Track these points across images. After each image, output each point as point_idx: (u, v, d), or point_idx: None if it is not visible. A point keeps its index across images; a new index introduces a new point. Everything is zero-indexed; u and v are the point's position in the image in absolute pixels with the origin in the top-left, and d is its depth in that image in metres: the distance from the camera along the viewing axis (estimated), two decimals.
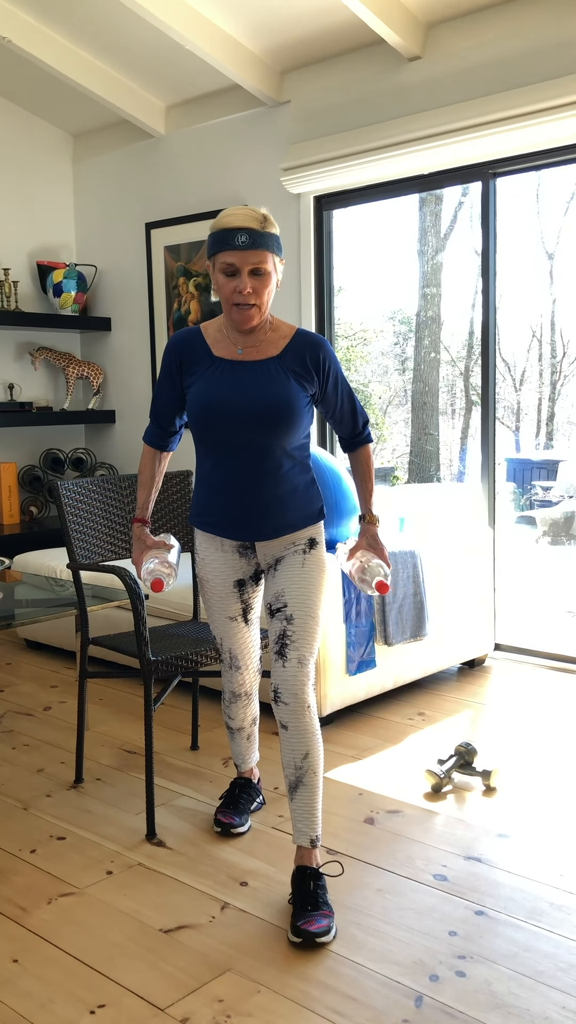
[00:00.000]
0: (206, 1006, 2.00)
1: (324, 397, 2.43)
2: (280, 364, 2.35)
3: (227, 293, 2.28)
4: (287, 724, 2.37)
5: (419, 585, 3.87)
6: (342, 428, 2.51)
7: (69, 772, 3.26)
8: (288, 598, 2.39)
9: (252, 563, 2.52)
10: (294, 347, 2.37)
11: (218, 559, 2.51)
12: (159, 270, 5.45)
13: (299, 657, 2.37)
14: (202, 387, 2.37)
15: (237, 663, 2.65)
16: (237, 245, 2.23)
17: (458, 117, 4.02)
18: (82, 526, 3.07)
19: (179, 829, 2.82)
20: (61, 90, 5.28)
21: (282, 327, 2.41)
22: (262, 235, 2.25)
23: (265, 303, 2.30)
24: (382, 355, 10.34)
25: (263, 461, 2.36)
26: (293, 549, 2.43)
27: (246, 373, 2.34)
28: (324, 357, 2.39)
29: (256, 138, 4.91)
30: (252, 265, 2.25)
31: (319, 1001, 2.02)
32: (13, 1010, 2.00)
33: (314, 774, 2.37)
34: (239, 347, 2.37)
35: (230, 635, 2.60)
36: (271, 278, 2.29)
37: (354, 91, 4.49)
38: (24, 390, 5.72)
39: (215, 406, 2.33)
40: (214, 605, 2.57)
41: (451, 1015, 1.97)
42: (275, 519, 2.40)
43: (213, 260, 2.30)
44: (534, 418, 10.86)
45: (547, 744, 3.43)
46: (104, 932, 2.29)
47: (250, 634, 2.63)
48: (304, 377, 2.37)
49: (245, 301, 2.27)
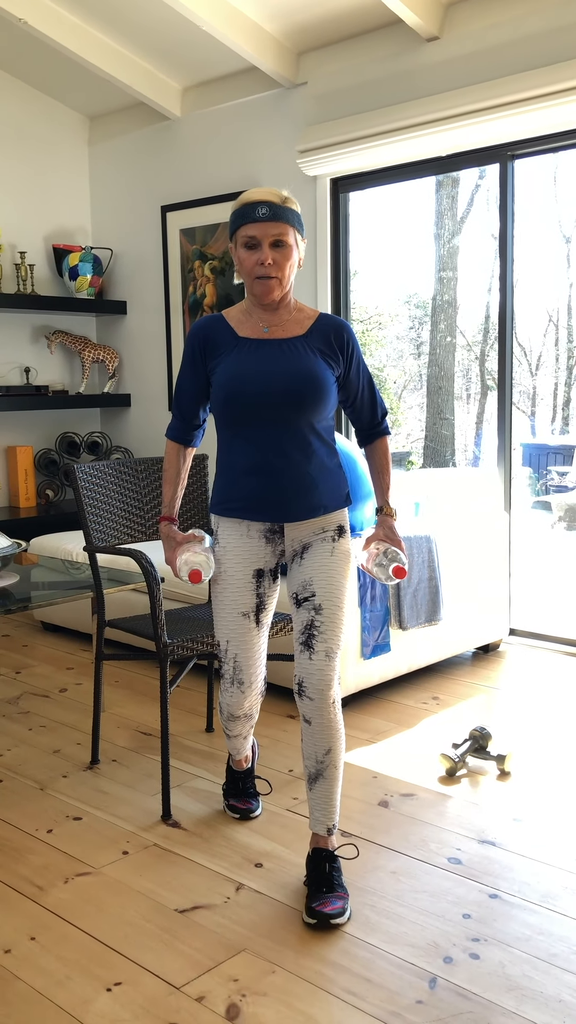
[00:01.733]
0: (221, 985, 2.02)
1: (346, 381, 2.40)
2: (306, 342, 2.34)
3: (249, 266, 2.27)
4: (311, 720, 2.33)
5: (434, 570, 3.87)
6: (360, 418, 2.48)
7: (85, 753, 3.28)
8: (316, 587, 2.34)
9: (277, 551, 2.43)
10: (319, 327, 2.36)
11: (241, 545, 2.41)
12: (175, 253, 5.43)
13: (327, 650, 2.32)
14: (228, 366, 2.33)
15: (240, 677, 2.48)
16: (258, 217, 2.22)
17: (476, 98, 3.99)
18: (98, 509, 3.08)
19: (194, 810, 2.84)
20: (77, 72, 5.26)
21: (306, 309, 2.39)
22: (283, 209, 2.24)
23: (287, 277, 2.28)
24: (397, 339, 10.30)
25: (292, 439, 2.32)
26: (322, 536, 2.37)
27: (273, 350, 2.32)
28: (348, 338, 2.38)
29: (272, 120, 4.89)
30: (273, 237, 2.23)
31: (334, 982, 2.03)
32: (31, 987, 2.03)
33: (335, 768, 2.35)
34: (264, 325, 2.35)
35: (238, 636, 2.44)
36: (292, 252, 2.27)
37: (371, 72, 4.45)
38: (40, 374, 5.73)
39: (243, 383, 2.29)
40: (227, 597, 2.43)
41: (465, 997, 1.98)
42: (306, 499, 2.34)
43: (235, 238, 2.29)
44: (550, 403, 10.80)
45: (562, 729, 3.43)
46: (120, 912, 2.31)
47: (259, 641, 2.47)
48: (330, 356, 2.34)
49: (267, 273, 2.25)
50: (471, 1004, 1.95)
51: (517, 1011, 1.92)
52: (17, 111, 5.50)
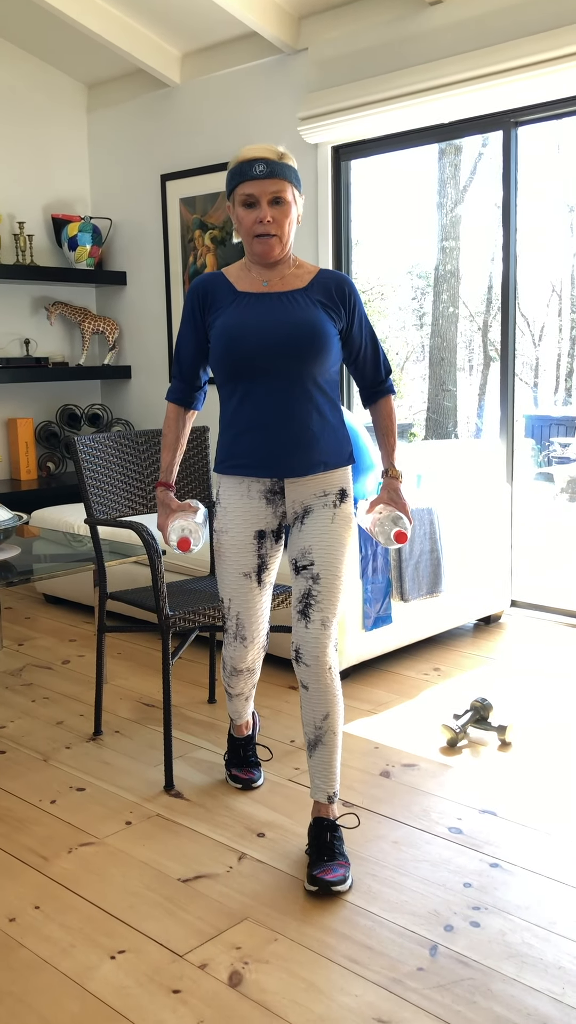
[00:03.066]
0: (224, 953, 2.04)
1: (349, 337, 2.38)
2: (307, 294, 2.31)
3: (248, 225, 2.24)
4: (308, 685, 2.35)
5: (436, 542, 3.87)
6: (364, 376, 2.45)
7: (88, 724, 3.30)
8: (315, 556, 2.34)
9: (278, 512, 2.42)
10: (320, 281, 2.34)
11: (242, 506, 2.40)
12: (175, 223, 5.39)
13: (322, 619, 2.33)
14: (227, 320, 2.31)
15: (243, 633, 2.52)
16: (255, 175, 2.19)
17: (479, 64, 3.93)
18: (99, 481, 3.07)
19: (197, 781, 2.85)
20: (75, 38, 5.19)
21: (306, 265, 2.37)
22: (280, 165, 2.21)
23: (287, 234, 2.26)
24: (399, 310, 10.24)
25: (294, 392, 2.29)
26: (323, 500, 2.36)
27: (273, 302, 2.30)
28: (350, 292, 2.35)
29: (273, 87, 4.83)
30: (271, 194, 2.21)
31: (335, 950, 2.05)
32: (36, 955, 2.05)
33: (333, 734, 2.37)
34: (264, 280, 2.33)
35: (240, 595, 2.47)
36: (291, 208, 2.25)
37: (373, 37, 4.39)
38: (40, 345, 5.71)
39: (243, 335, 2.27)
40: (229, 559, 2.46)
41: (466, 964, 1.99)
42: (307, 454, 2.32)
43: (232, 196, 2.26)
44: (553, 374, 10.75)
45: (562, 700, 3.44)
46: (123, 881, 2.33)
47: (261, 600, 2.50)
48: (331, 308, 2.32)
49: (266, 231, 2.23)
50: (471, 971, 1.97)
51: (517, 978, 1.94)
52: (14, 78, 5.43)
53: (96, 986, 1.94)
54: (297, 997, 1.90)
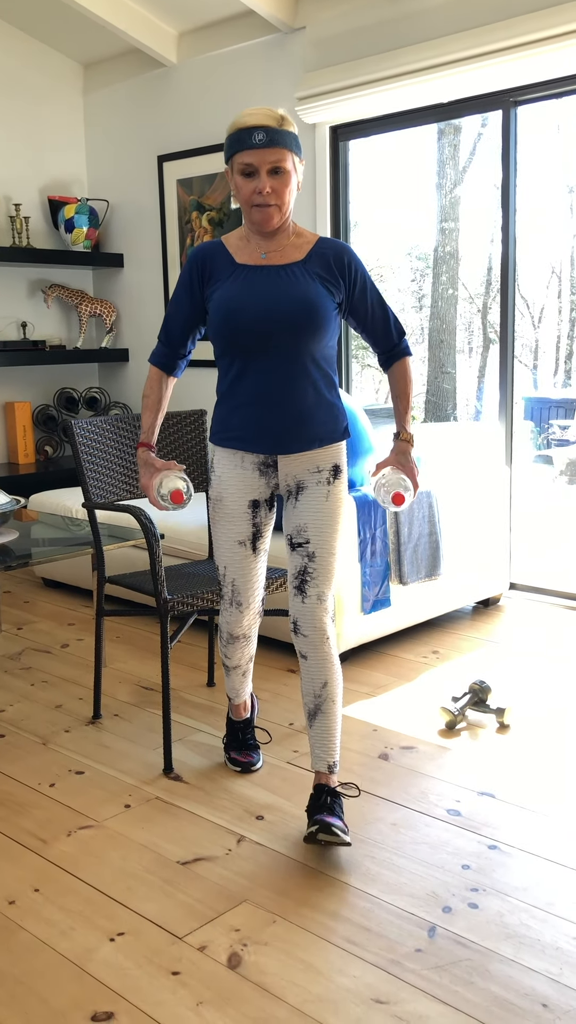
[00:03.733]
0: (223, 935, 2.05)
1: (352, 305, 2.36)
2: (305, 268, 2.30)
3: (246, 194, 2.22)
4: (307, 654, 2.39)
5: (435, 524, 3.86)
6: (377, 341, 2.43)
7: (87, 708, 3.30)
8: (311, 533, 2.37)
9: (271, 483, 2.44)
10: (318, 251, 2.32)
11: (236, 476, 2.42)
12: (172, 204, 5.35)
13: (319, 594, 2.39)
14: (225, 293, 2.30)
15: (239, 599, 2.55)
16: (255, 144, 2.16)
17: (478, 42, 3.90)
18: (97, 465, 3.06)
19: (196, 764, 2.86)
20: (70, 17, 5.14)
21: (305, 233, 2.35)
22: (280, 132, 2.18)
23: (286, 203, 2.24)
24: (399, 292, 10.20)
25: (290, 367, 2.29)
26: (317, 478, 2.37)
27: (271, 276, 2.28)
28: (350, 260, 2.33)
29: (270, 66, 4.78)
30: (271, 164, 2.18)
31: (334, 931, 2.06)
32: (36, 937, 2.05)
33: (332, 703, 2.40)
34: (262, 251, 2.31)
35: (236, 563, 2.50)
36: (291, 177, 2.22)
37: (371, 16, 4.35)
38: (37, 328, 5.68)
39: (240, 310, 2.26)
40: (224, 527, 2.47)
41: (464, 945, 2.00)
42: (301, 430, 2.33)
43: (231, 163, 2.23)
44: (552, 356, 10.72)
45: (561, 682, 3.44)
46: (123, 864, 2.33)
47: (256, 566, 2.53)
48: (330, 281, 2.30)
49: (265, 201, 2.21)
50: (469, 952, 1.98)
51: (515, 958, 1.95)
52: (9, 58, 5.38)
53: (95, 968, 1.95)
54: (296, 978, 1.91)
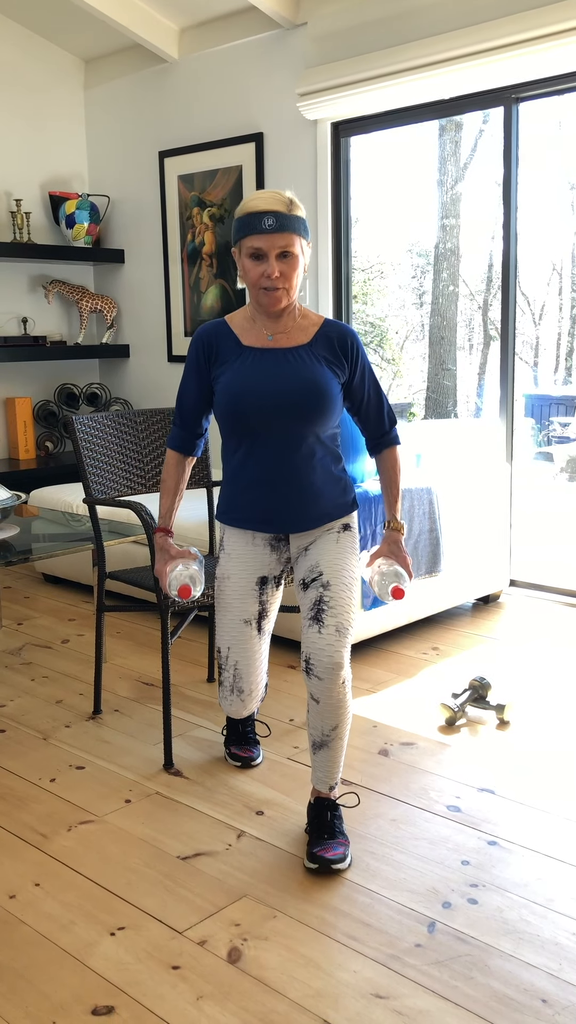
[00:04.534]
0: (223, 930, 2.05)
1: (351, 388, 2.37)
2: (311, 350, 2.30)
3: (254, 278, 2.22)
4: (319, 699, 2.28)
5: (435, 521, 3.86)
6: (368, 427, 2.44)
7: (87, 703, 3.31)
8: (324, 568, 2.32)
9: (283, 558, 2.43)
10: (324, 334, 2.32)
11: (247, 553, 2.40)
12: (173, 200, 5.35)
13: (338, 624, 2.27)
14: (232, 376, 2.30)
15: (240, 685, 2.46)
16: (264, 229, 2.17)
17: (480, 39, 3.89)
18: (97, 461, 3.07)
19: (196, 759, 2.86)
20: (72, 12, 5.14)
21: (310, 315, 2.35)
22: (289, 217, 2.18)
23: (294, 286, 2.24)
24: (399, 288, 10.20)
25: (297, 449, 2.29)
26: (326, 533, 2.37)
27: (277, 359, 2.29)
28: (353, 344, 2.34)
29: (272, 62, 4.78)
30: (280, 248, 2.18)
31: (334, 927, 2.06)
32: (37, 931, 2.06)
33: (340, 740, 2.33)
34: (269, 334, 2.31)
35: (239, 643, 2.43)
36: (299, 261, 2.23)
37: (373, 12, 4.34)
38: (38, 324, 5.68)
39: (247, 393, 2.26)
40: (229, 605, 2.42)
41: (463, 940, 2.01)
42: (311, 509, 2.33)
43: (239, 246, 2.23)
44: (553, 353, 10.72)
45: (560, 679, 3.45)
46: (123, 858, 2.34)
47: (260, 648, 2.45)
48: (335, 364, 2.31)
49: (274, 285, 2.21)
50: (469, 947, 1.98)
51: (514, 954, 1.96)
52: (10, 53, 5.38)
53: (96, 963, 1.95)
54: (296, 973, 1.91)
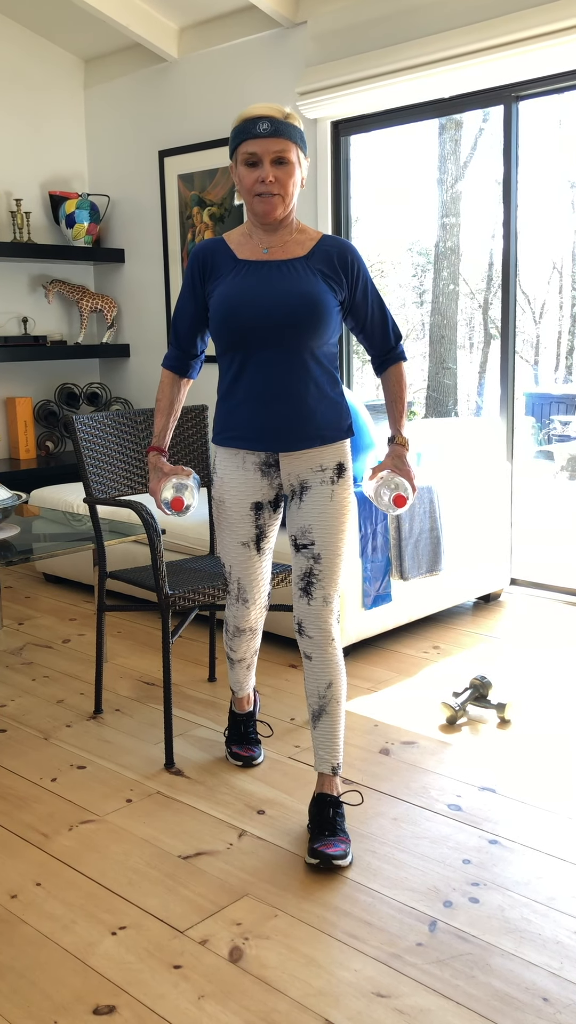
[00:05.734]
0: (225, 929, 2.05)
1: (353, 305, 2.34)
2: (307, 263, 2.28)
3: (249, 184, 2.20)
4: (311, 655, 2.38)
5: (435, 520, 3.86)
6: (373, 344, 2.41)
7: (88, 703, 3.31)
8: (315, 535, 2.34)
9: (274, 484, 2.42)
10: (322, 248, 2.30)
11: (238, 478, 2.40)
12: (173, 200, 5.35)
13: (324, 596, 2.36)
14: (226, 288, 2.28)
15: (245, 595, 2.56)
16: (259, 133, 2.16)
17: (480, 37, 3.89)
18: (98, 461, 3.07)
19: (197, 758, 2.86)
20: (71, 12, 5.14)
21: (309, 230, 2.33)
22: (285, 124, 2.17)
23: (289, 194, 2.22)
24: (400, 287, 10.19)
25: (291, 364, 2.27)
26: (321, 476, 2.35)
27: (272, 271, 2.26)
28: (353, 259, 2.31)
29: (271, 61, 4.78)
30: (274, 153, 2.17)
31: (335, 925, 2.06)
32: (38, 931, 2.06)
33: (337, 703, 2.38)
34: (264, 247, 2.29)
35: (240, 563, 2.50)
36: (295, 169, 2.21)
37: (373, 10, 4.34)
38: (38, 324, 5.68)
39: (241, 305, 2.25)
40: (227, 529, 2.46)
41: (464, 939, 2.01)
42: (303, 428, 2.31)
43: (235, 155, 2.22)
44: (553, 352, 10.72)
45: (561, 678, 3.45)
46: (124, 858, 2.34)
47: (261, 565, 2.52)
48: (332, 279, 2.28)
49: (268, 191, 2.19)
50: (470, 946, 1.98)
51: (515, 953, 1.96)
52: (10, 53, 5.38)
53: (97, 962, 1.95)
54: (297, 972, 1.91)
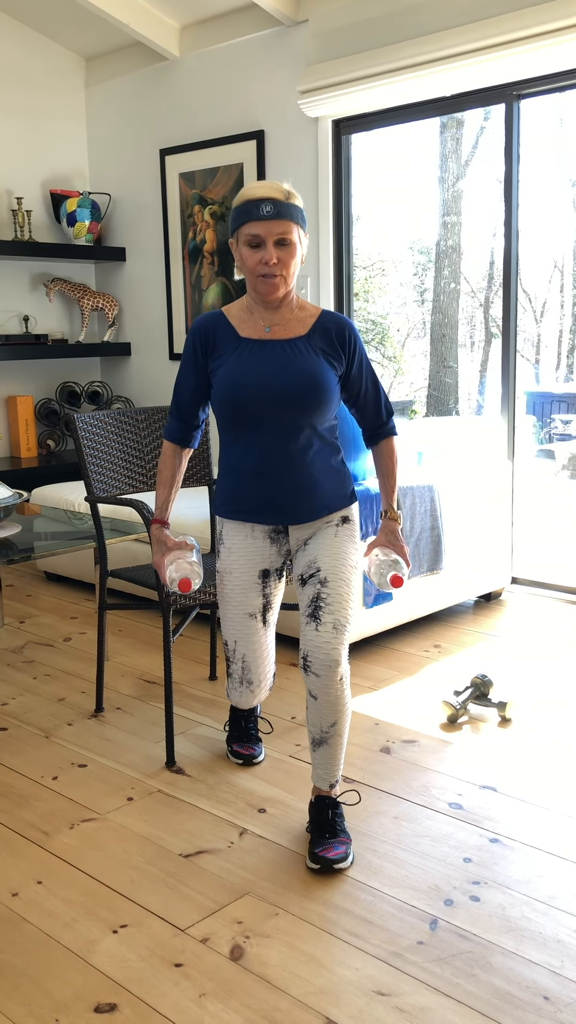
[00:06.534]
0: (225, 927, 2.05)
1: (348, 379, 2.36)
2: (308, 342, 2.29)
3: (252, 265, 2.22)
4: (316, 695, 2.29)
5: (436, 519, 3.86)
6: (365, 418, 2.43)
7: (89, 701, 3.31)
8: (321, 564, 2.32)
9: (283, 550, 2.42)
10: (321, 326, 2.31)
11: (247, 546, 2.40)
12: (174, 198, 5.35)
13: (335, 622, 2.27)
14: (230, 368, 2.29)
15: (249, 677, 2.48)
16: (262, 215, 2.17)
17: (482, 35, 3.89)
18: (99, 459, 3.07)
19: (198, 757, 2.87)
20: (72, 10, 5.13)
21: (308, 307, 2.35)
22: (286, 205, 2.19)
23: (291, 274, 2.24)
24: (400, 286, 10.18)
25: (295, 441, 2.29)
26: (325, 525, 2.36)
27: (275, 351, 2.28)
28: (350, 335, 2.33)
29: (273, 59, 4.77)
30: (277, 235, 2.18)
31: (336, 924, 2.06)
32: (39, 929, 2.06)
33: (339, 736, 2.33)
34: (266, 325, 2.30)
35: (246, 636, 2.43)
36: (296, 250, 2.23)
37: (374, 8, 4.34)
38: (39, 322, 5.68)
39: (245, 385, 2.26)
40: (233, 600, 2.42)
41: (465, 937, 2.01)
42: (310, 501, 2.32)
43: (237, 235, 2.23)
44: (555, 350, 10.71)
45: (562, 676, 3.45)
46: (125, 856, 2.34)
47: (266, 639, 2.46)
48: (332, 355, 2.31)
49: (271, 272, 2.20)
50: (471, 944, 1.98)
51: (516, 951, 1.96)
52: (11, 51, 5.38)
53: (99, 960, 1.96)
54: (298, 970, 1.91)
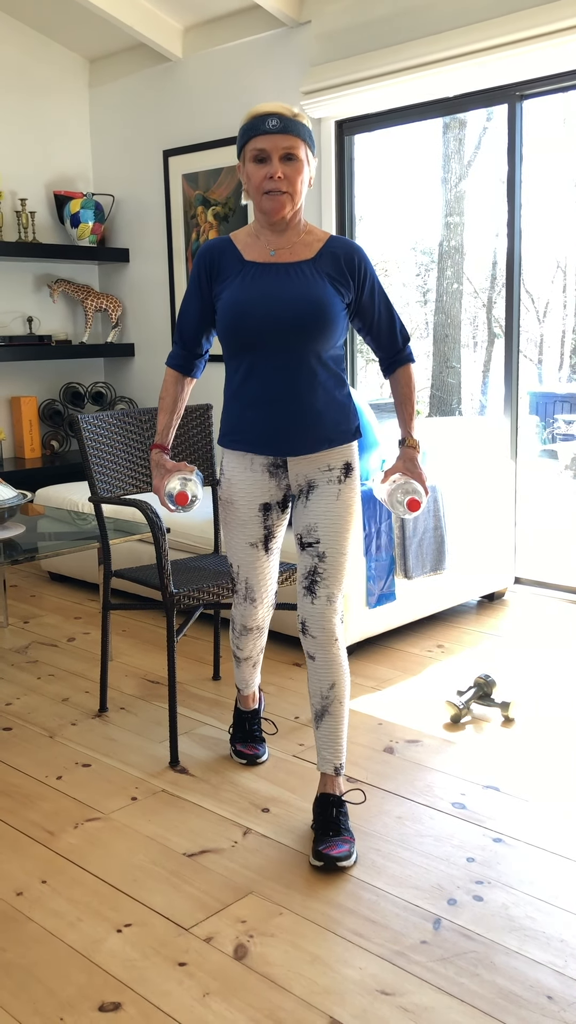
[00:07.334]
0: (229, 927, 2.06)
1: (360, 307, 2.33)
2: (315, 266, 2.26)
3: (257, 181, 2.19)
4: (315, 655, 2.37)
5: (439, 519, 3.87)
6: (380, 345, 2.39)
7: (93, 701, 3.31)
8: (321, 534, 2.34)
9: (282, 485, 2.42)
10: (329, 250, 2.28)
11: (246, 479, 2.40)
12: (177, 199, 5.36)
13: (328, 595, 2.36)
14: (233, 292, 2.27)
15: (252, 595, 2.55)
16: (268, 129, 2.15)
17: (484, 36, 3.89)
18: (103, 460, 3.07)
19: (202, 757, 2.87)
20: (76, 12, 5.14)
21: (316, 231, 2.31)
22: (293, 121, 2.17)
23: (298, 192, 2.21)
24: (403, 287, 10.19)
25: (298, 368, 2.26)
26: (328, 476, 2.35)
27: (279, 275, 2.25)
28: (360, 261, 2.30)
29: (276, 60, 4.78)
30: (284, 150, 2.16)
31: (340, 923, 2.07)
32: (44, 928, 2.07)
33: (340, 703, 2.38)
34: (271, 248, 2.28)
35: (248, 563, 2.50)
36: (303, 166, 2.20)
37: (377, 9, 4.34)
38: (43, 323, 5.69)
39: (247, 309, 2.23)
40: (235, 529, 2.46)
41: (469, 937, 2.01)
42: (311, 432, 2.30)
43: (243, 152, 2.21)
44: (557, 351, 10.71)
45: (565, 676, 3.45)
46: (129, 856, 2.35)
47: (268, 565, 2.52)
48: (339, 281, 2.27)
49: (276, 188, 2.17)
50: (474, 944, 1.99)
51: (520, 950, 1.96)
52: (15, 53, 5.39)
53: (103, 959, 1.96)
54: (302, 970, 1.92)
